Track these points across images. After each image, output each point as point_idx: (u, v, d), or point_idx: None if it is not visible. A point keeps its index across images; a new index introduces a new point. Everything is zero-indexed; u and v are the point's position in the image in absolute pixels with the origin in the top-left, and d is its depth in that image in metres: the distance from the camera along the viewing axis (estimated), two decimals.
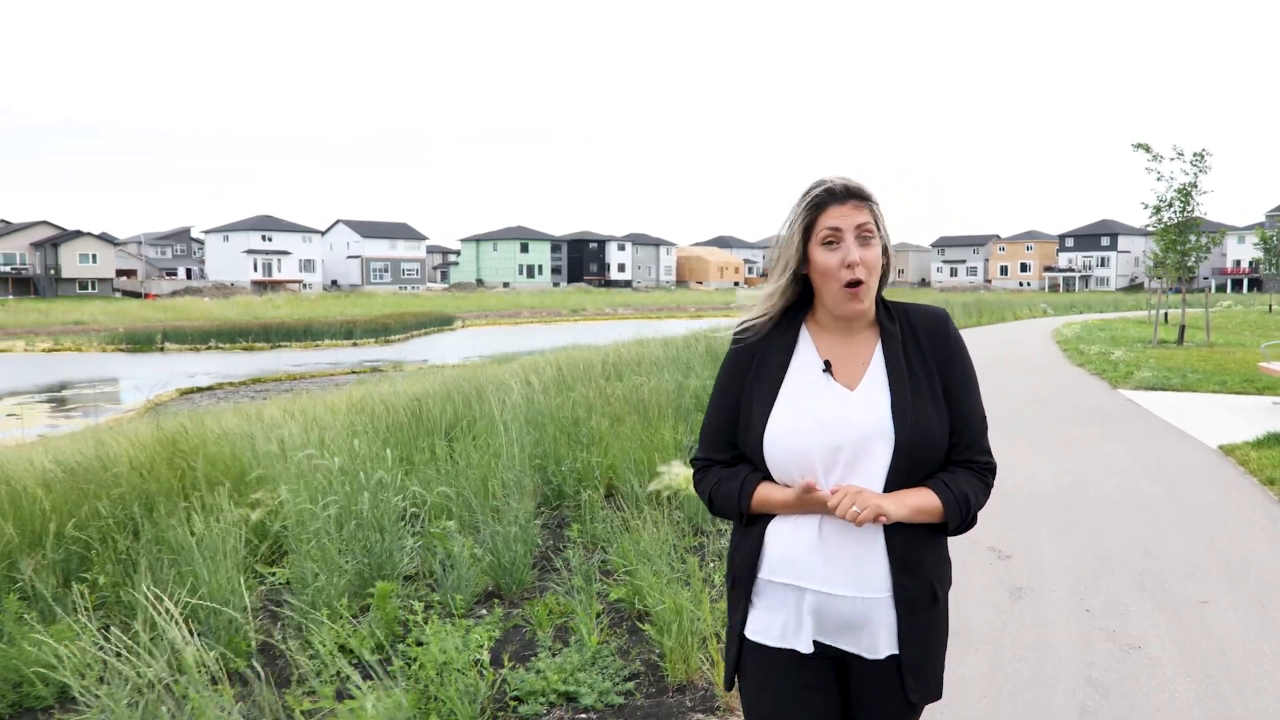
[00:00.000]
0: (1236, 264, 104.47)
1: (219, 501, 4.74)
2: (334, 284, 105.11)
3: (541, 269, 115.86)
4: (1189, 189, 22.34)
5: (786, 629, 1.97)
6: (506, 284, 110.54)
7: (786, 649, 1.97)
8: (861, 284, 1.92)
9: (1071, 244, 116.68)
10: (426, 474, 6.15)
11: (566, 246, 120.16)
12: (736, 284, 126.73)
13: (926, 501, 1.91)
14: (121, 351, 39.93)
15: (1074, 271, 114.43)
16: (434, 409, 8.05)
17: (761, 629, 2.00)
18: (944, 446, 1.96)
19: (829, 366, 1.98)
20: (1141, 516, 6.67)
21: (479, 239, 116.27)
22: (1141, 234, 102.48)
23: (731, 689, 2.12)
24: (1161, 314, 27.91)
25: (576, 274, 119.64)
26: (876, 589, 1.92)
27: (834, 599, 1.92)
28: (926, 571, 1.95)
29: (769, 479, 1.99)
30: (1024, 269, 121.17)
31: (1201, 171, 22.22)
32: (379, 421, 7.54)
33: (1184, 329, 23.81)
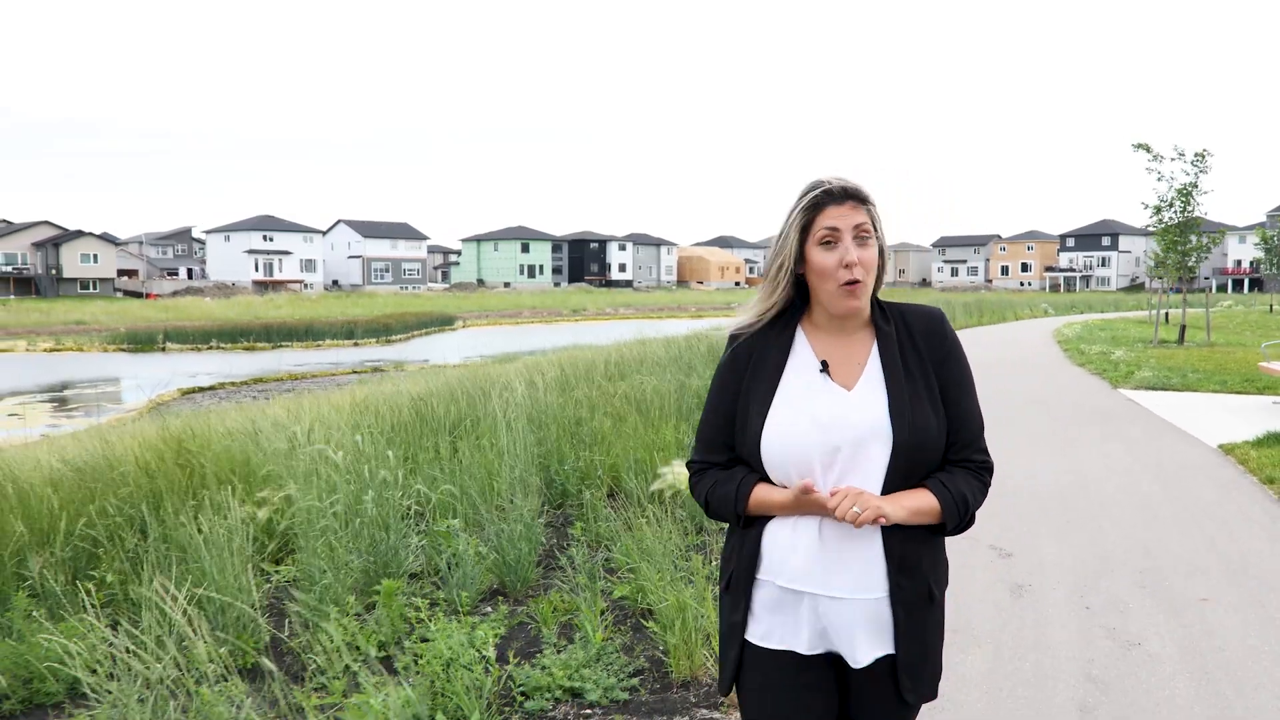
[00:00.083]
0: (1237, 264, 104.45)
1: (226, 499, 4.78)
2: (335, 284, 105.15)
3: (542, 269, 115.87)
4: (1189, 189, 22.39)
5: (785, 630, 1.97)
6: (507, 284, 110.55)
7: (785, 650, 1.97)
8: (859, 283, 1.92)
9: (1072, 244, 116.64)
10: (431, 473, 6.19)
11: (567, 246, 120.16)
12: (738, 284, 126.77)
13: (924, 503, 1.92)
14: (123, 351, 39.96)
15: (1075, 271, 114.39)
16: (438, 408, 8.09)
17: (760, 631, 1.99)
18: (941, 447, 1.96)
19: (826, 367, 1.98)
20: (1142, 515, 6.70)
21: (480, 239, 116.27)
22: (1142, 234, 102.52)
23: (729, 693, 2.10)
24: (1162, 314, 27.94)
25: (577, 274, 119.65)
26: (874, 590, 1.92)
27: (832, 600, 1.92)
28: (924, 572, 1.96)
29: (766, 481, 1.98)
30: (1025, 269, 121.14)
31: (1202, 172, 22.29)
32: (384, 420, 7.58)
33: (1184, 329, 23.84)
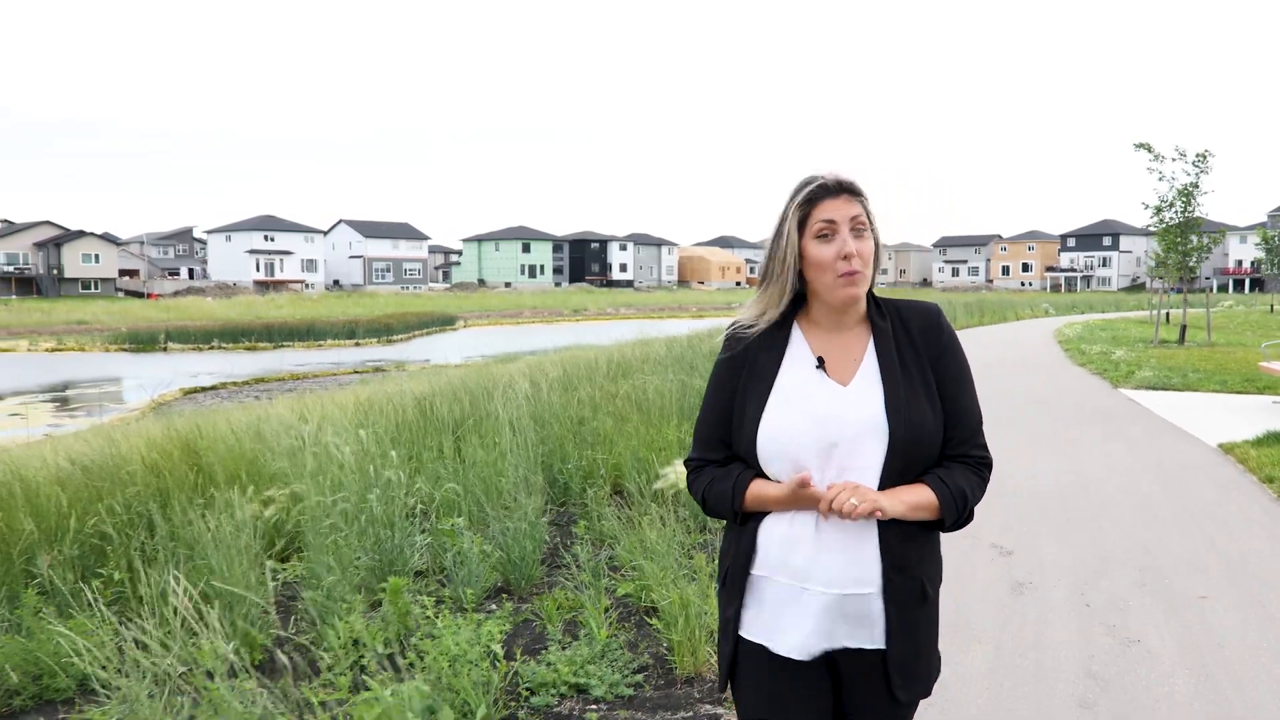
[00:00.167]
0: (1238, 264, 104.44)
1: (233, 498, 4.82)
2: (336, 284, 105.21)
3: (543, 269, 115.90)
4: (1190, 189, 22.42)
5: (779, 626, 1.97)
6: (508, 284, 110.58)
7: (780, 646, 1.97)
8: (858, 273, 1.93)
9: (1073, 244, 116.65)
10: (435, 471, 6.23)
11: (568, 246, 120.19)
12: (739, 284, 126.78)
13: (923, 498, 1.91)
14: (125, 351, 39.97)
15: (1076, 271, 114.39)
16: (441, 408, 8.12)
17: (754, 627, 1.99)
18: (938, 443, 1.96)
19: (822, 363, 1.98)
20: (1142, 514, 6.73)
21: (481, 239, 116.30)
22: (1143, 234, 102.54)
23: (726, 689, 2.11)
24: (1163, 314, 27.96)
25: (578, 274, 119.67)
26: (868, 585, 1.92)
27: (827, 596, 1.92)
28: (918, 569, 1.95)
29: (762, 477, 1.98)
30: (1026, 269, 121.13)
31: (1203, 172, 22.31)
32: (388, 419, 7.62)
33: (1185, 329, 23.87)
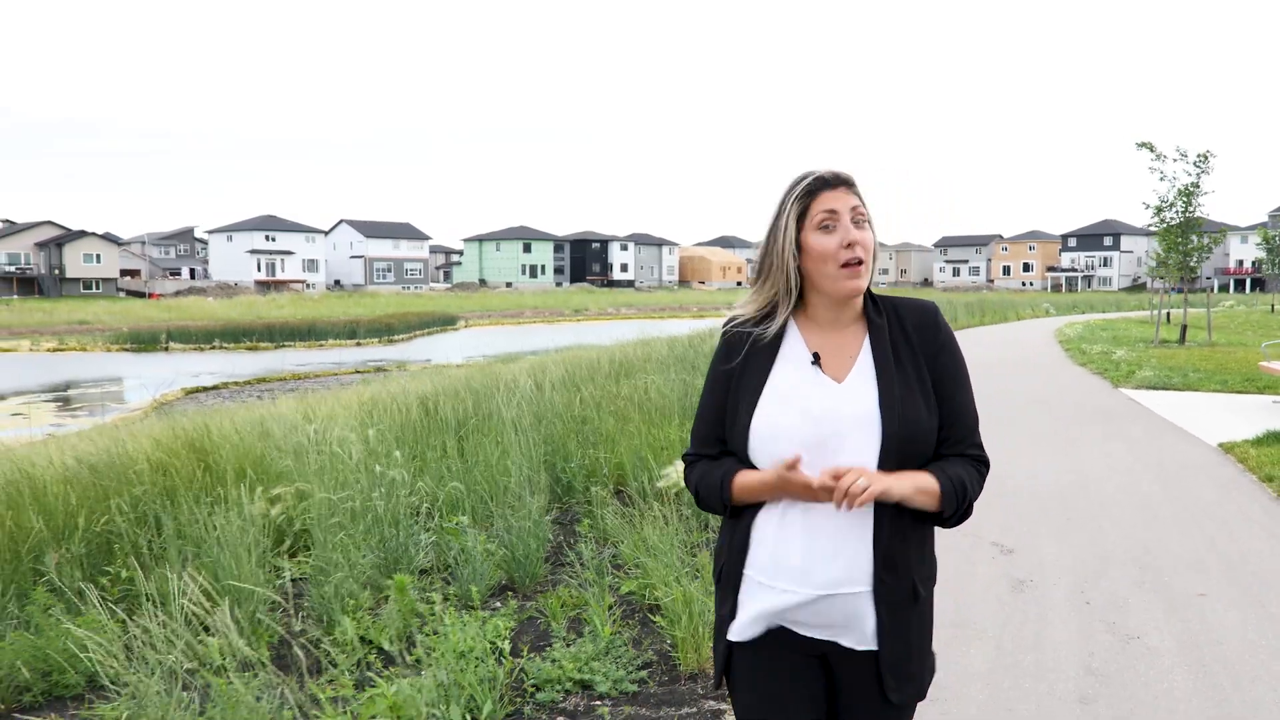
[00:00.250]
0: (1239, 264, 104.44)
1: (240, 496, 4.86)
2: (337, 284, 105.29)
3: (544, 269, 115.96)
4: (1191, 189, 22.45)
5: (772, 625, 1.96)
6: (509, 284, 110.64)
7: (772, 645, 1.97)
8: (861, 263, 1.93)
9: (1074, 244, 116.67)
10: (439, 470, 6.26)
11: (569, 246, 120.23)
12: (739, 284, 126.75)
13: (926, 482, 1.89)
14: (126, 351, 40.00)
15: (1076, 271, 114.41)
16: (445, 407, 8.16)
17: (747, 625, 1.98)
18: (932, 440, 1.94)
19: (817, 359, 1.97)
20: (1142, 514, 6.77)
21: (482, 239, 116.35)
22: (1144, 234, 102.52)
23: (720, 688, 2.11)
24: (1163, 314, 28.00)
25: (579, 274, 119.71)
26: (859, 584, 1.91)
27: (819, 595, 1.91)
28: (910, 569, 1.94)
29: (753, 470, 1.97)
30: (1026, 269, 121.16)
31: (1204, 172, 22.34)
32: (392, 419, 7.65)
33: (1186, 329, 23.89)
